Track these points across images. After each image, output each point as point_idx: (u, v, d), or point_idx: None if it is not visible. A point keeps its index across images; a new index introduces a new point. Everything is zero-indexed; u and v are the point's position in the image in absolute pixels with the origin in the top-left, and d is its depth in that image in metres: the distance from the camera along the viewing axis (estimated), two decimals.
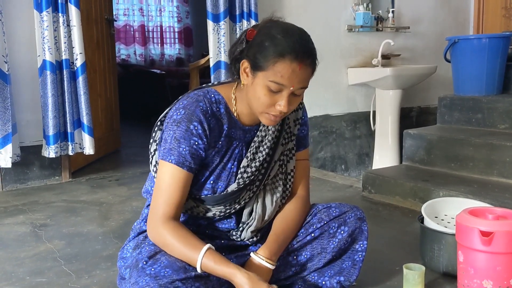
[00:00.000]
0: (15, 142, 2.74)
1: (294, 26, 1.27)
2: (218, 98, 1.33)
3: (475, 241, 1.36)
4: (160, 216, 1.26)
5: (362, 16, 3.80)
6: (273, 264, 1.34)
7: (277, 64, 1.19)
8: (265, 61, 1.21)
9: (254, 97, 1.25)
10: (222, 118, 1.32)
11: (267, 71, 1.21)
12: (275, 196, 1.42)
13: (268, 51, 1.20)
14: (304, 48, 1.21)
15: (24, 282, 1.66)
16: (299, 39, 1.22)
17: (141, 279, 1.15)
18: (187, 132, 1.26)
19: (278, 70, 1.19)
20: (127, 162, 3.70)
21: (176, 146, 1.26)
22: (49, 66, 2.76)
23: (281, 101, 1.23)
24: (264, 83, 1.22)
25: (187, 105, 1.28)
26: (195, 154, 1.27)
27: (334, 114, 3.89)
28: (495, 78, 2.93)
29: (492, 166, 2.46)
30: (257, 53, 1.22)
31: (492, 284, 1.36)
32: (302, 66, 1.20)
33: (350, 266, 1.44)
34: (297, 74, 1.20)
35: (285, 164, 1.45)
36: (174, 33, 7.41)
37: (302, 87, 1.24)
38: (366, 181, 2.70)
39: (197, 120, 1.26)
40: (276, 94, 1.23)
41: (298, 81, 1.22)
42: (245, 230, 1.41)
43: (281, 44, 1.19)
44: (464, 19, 4.57)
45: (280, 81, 1.20)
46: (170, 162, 1.26)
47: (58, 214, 2.42)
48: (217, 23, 3.19)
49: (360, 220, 1.44)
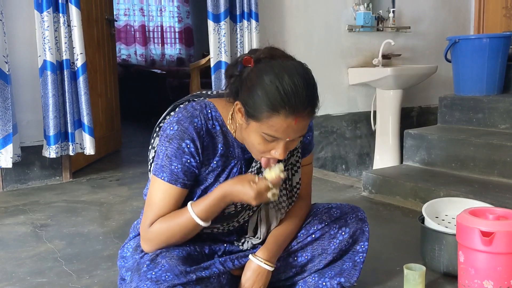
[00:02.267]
0: (16, 142, 2.74)
1: (292, 65, 1.13)
2: (215, 115, 1.26)
3: (476, 241, 1.36)
4: (147, 226, 1.25)
5: (363, 16, 3.80)
6: (272, 266, 1.34)
7: (271, 118, 1.09)
8: (257, 113, 1.11)
9: (248, 141, 1.18)
10: (217, 136, 1.26)
11: (261, 123, 1.11)
12: (279, 213, 1.38)
13: (260, 103, 1.09)
14: (301, 98, 1.08)
15: (24, 282, 1.66)
16: (295, 87, 1.08)
17: (142, 283, 1.14)
18: (178, 150, 1.21)
19: (272, 125, 1.10)
20: (128, 162, 3.70)
21: (168, 163, 1.22)
22: (50, 66, 2.76)
23: (277, 149, 1.15)
24: (258, 132, 1.13)
25: (181, 119, 1.22)
26: (188, 172, 1.23)
27: (334, 114, 3.89)
28: (495, 78, 2.93)
29: (493, 166, 2.46)
30: (248, 101, 1.12)
31: (492, 284, 1.36)
32: (299, 119, 1.10)
33: (350, 267, 1.44)
34: (293, 128, 1.11)
35: (289, 179, 1.39)
36: (175, 33, 7.41)
37: (300, 136, 1.16)
38: (367, 181, 2.70)
39: (190, 138, 1.20)
40: (272, 142, 1.14)
41: (295, 132, 1.13)
42: (246, 242, 1.40)
43: (274, 97, 1.08)
44: (465, 19, 4.57)
45: (274, 134, 1.12)
46: (163, 180, 1.23)
47: (59, 214, 2.42)
48: (217, 23, 3.19)
49: (361, 221, 1.43)
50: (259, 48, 1.22)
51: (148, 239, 1.25)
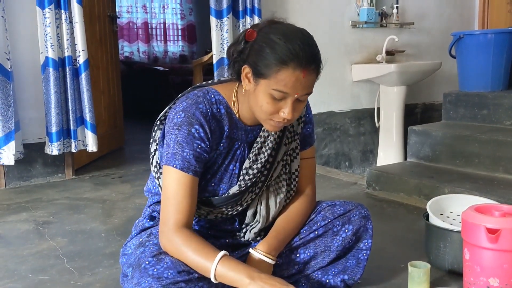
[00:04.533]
0: (18, 140, 2.74)
1: (296, 28, 1.21)
2: (218, 98, 1.29)
3: (481, 239, 1.34)
4: (172, 225, 1.21)
5: (366, 12, 3.77)
6: (273, 259, 1.32)
7: (279, 72, 1.14)
8: (267, 69, 1.16)
9: (256, 104, 1.21)
10: (223, 119, 1.28)
11: (270, 80, 1.16)
12: (278, 197, 1.40)
13: (270, 59, 1.15)
14: (307, 53, 1.15)
15: (26, 280, 1.65)
16: (302, 44, 1.16)
17: (143, 279, 1.13)
18: (189, 136, 1.22)
19: (281, 79, 1.15)
20: (131, 159, 3.69)
21: (180, 150, 1.22)
22: (52, 63, 2.75)
23: (285, 108, 1.19)
24: (267, 91, 1.17)
25: (186, 107, 1.24)
26: (199, 158, 1.24)
27: (338, 110, 3.87)
28: (501, 73, 2.91)
29: (498, 162, 2.44)
30: (258, 60, 1.18)
31: (498, 282, 1.34)
32: (306, 73, 1.15)
33: (354, 265, 1.43)
34: (301, 81, 1.16)
35: (288, 164, 1.41)
36: (178, 30, 7.40)
37: (306, 93, 1.20)
38: (371, 178, 2.68)
39: (198, 123, 1.23)
40: (280, 101, 1.18)
41: (303, 88, 1.17)
42: (248, 231, 1.40)
43: (283, 51, 1.14)
44: (469, 15, 4.54)
45: (283, 89, 1.16)
46: (175, 167, 1.22)
47: (61, 211, 2.41)
48: (220, 19, 3.18)
49: (365, 219, 1.42)
50: (259, 23, 1.28)
51: (168, 243, 1.21)
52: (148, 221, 1.44)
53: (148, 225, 1.43)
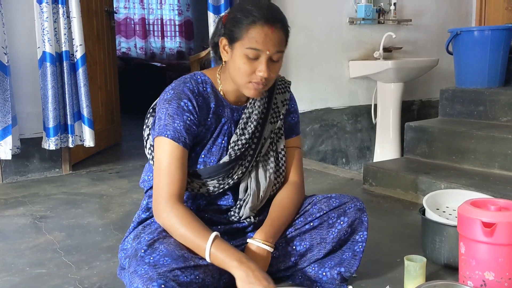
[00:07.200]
0: (15, 134, 2.74)
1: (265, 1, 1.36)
2: (204, 78, 1.40)
3: (477, 232, 1.35)
4: (167, 197, 1.28)
5: (364, 9, 3.78)
6: (271, 246, 1.35)
7: (250, 30, 1.27)
8: (239, 31, 1.29)
9: (235, 69, 1.31)
10: (209, 96, 1.39)
11: (243, 40, 1.28)
12: (267, 172, 1.45)
13: (241, 22, 1.29)
14: (273, 13, 1.30)
15: (24, 273, 1.65)
16: (268, 7, 1.31)
17: (140, 267, 1.14)
18: (179, 109, 1.32)
19: (252, 36, 1.27)
20: (128, 155, 3.69)
21: (171, 121, 1.31)
22: (49, 58, 2.75)
23: (260, 67, 1.29)
24: (242, 52, 1.29)
25: (175, 86, 1.37)
26: (189, 130, 1.33)
27: (335, 107, 3.88)
28: (497, 70, 2.91)
29: (494, 158, 2.45)
30: (231, 26, 1.31)
31: (494, 276, 1.35)
32: (274, 29, 1.28)
33: (350, 257, 1.44)
34: (271, 37, 1.28)
35: (275, 143, 1.49)
36: (175, 26, 7.39)
37: (278, 51, 1.30)
38: (367, 174, 2.69)
39: (187, 98, 1.34)
40: (255, 61, 1.29)
41: (273, 44, 1.28)
42: (243, 207, 1.43)
43: (252, 13, 1.28)
44: (467, 12, 4.55)
45: (255, 46, 1.27)
46: (167, 137, 1.31)
47: (58, 206, 2.42)
48: (218, 14, 3.18)
49: (360, 211, 1.44)
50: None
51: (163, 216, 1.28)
52: (144, 212, 1.46)
53: (144, 215, 1.45)
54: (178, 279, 1.13)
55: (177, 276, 1.13)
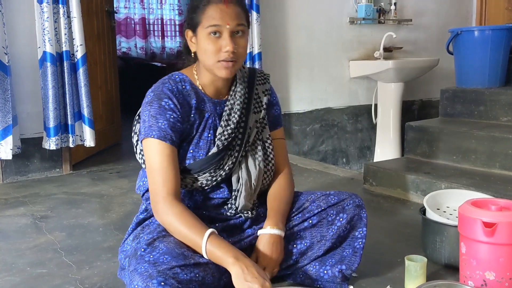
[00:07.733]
0: (16, 134, 2.73)
1: None
2: (182, 77, 1.44)
3: (478, 232, 1.35)
4: (164, 195, 1.30)
5: (364, 9, 3.78)
6: (281, 229, 1.39)
7: (206, 10, 1.33)
8: (197, 15, 1.35)
9: (202, 53, 1.36)
10: (189, 94, 1.42)
11: (203, 22, 1.33)
12: (256, 161, 1.48)
13: (198, 6, 1.35)
14: None
15: (24, 273, 1.65)
16: None
17: (139, 265, 1.15)
18: (160, 108, 1.35)
19: (209, 14, 1.32)
20: (128, 155, 3.69)
21: (155, 122, 1.34)
22: (50, 58, 2.75)
23: (224, 42, 1.32)
24: (205, 33, 1.33)
25: (154, 88, 1.40)
26: (174, 127, 1.35)
27: (335, 107, 3.88)
28: (498, 70, 2.91)
29: (494, 158, 2.45)
30: (190, 14, 1.37)
31: (494, 276, 1.35)
32: (229, 4, 1.33)
33: (351, 254, 1.44)
34: (227, 12, 1.32)
35: (260, 132, 1.52)
36: (175, 26, 7.38)
37: (238, 24, 1.33)
38: (368, 174, 2.69)
39: (167, 97, 1.37)
40: (219, 39, 1.33)
41: (230, 18, 1.32)
42: (238, 197, 1.44)
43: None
44: (467, 12, 4.55)
45: (214, 22, 1.32)
46: (153, 138, 1.33)
47: (59, 206, 2.42)
48: None
49: (359, 207, 1.45)
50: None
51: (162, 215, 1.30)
52: (143, 213, 1.48)
53: (142, 216, 1.46)
54: (178, 277, 1.13)
55: (177, 273, 1.13)
